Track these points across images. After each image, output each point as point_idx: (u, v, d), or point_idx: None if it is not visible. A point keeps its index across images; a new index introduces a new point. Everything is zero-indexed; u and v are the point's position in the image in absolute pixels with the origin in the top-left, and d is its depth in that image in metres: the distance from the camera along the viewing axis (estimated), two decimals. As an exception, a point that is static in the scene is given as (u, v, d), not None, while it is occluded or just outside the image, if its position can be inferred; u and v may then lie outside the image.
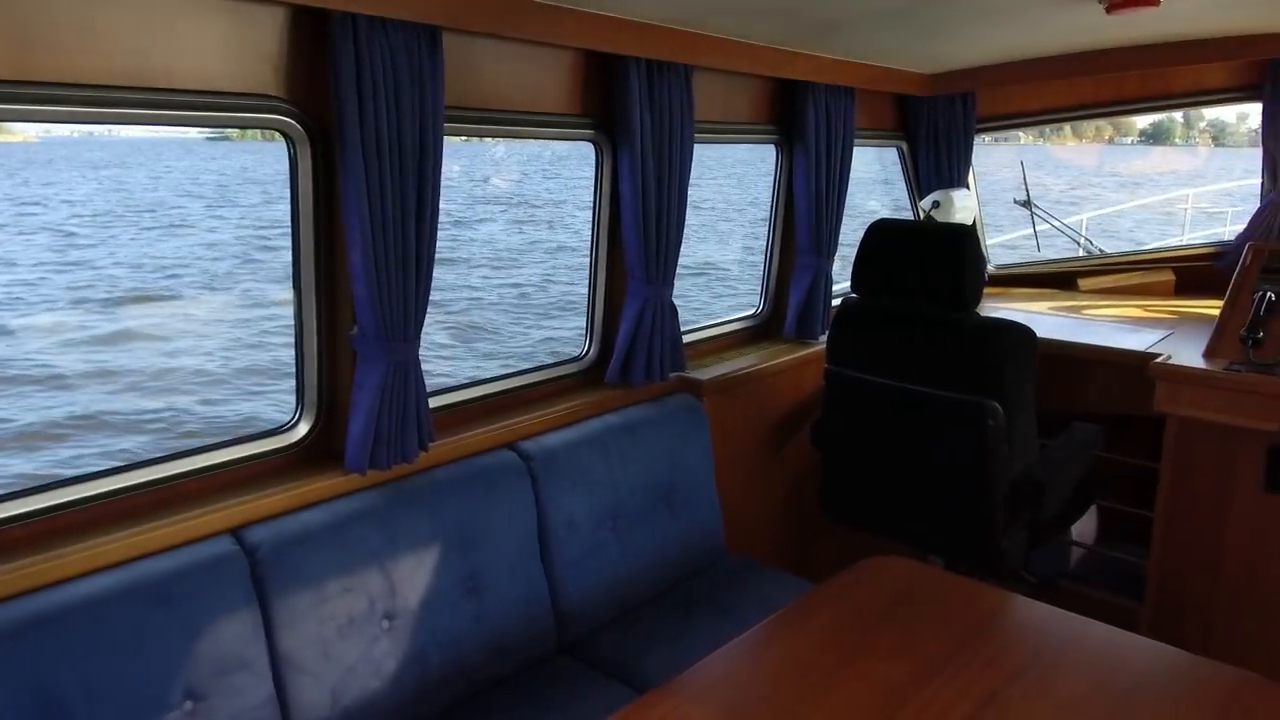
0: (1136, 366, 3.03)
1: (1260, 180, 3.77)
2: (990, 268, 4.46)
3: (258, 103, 1.95)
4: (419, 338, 2.16)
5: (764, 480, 3.34)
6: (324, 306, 2.15)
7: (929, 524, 2.72)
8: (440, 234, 2.16)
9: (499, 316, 14.60)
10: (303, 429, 2.22)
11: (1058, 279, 4.39)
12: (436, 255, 2.15)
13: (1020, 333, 2.50)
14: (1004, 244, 5.33)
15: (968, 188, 4.10)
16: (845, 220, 3.58)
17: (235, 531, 1.98)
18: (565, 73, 2.56)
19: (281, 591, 1.93)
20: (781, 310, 3.55)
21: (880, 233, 2.67)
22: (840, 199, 3.43)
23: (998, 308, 3.94)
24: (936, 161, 4.02)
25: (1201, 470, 2.99)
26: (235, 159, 41.88)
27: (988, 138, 4.45)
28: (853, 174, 3.57)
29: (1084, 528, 4.26)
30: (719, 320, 3.50)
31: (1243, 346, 2.99)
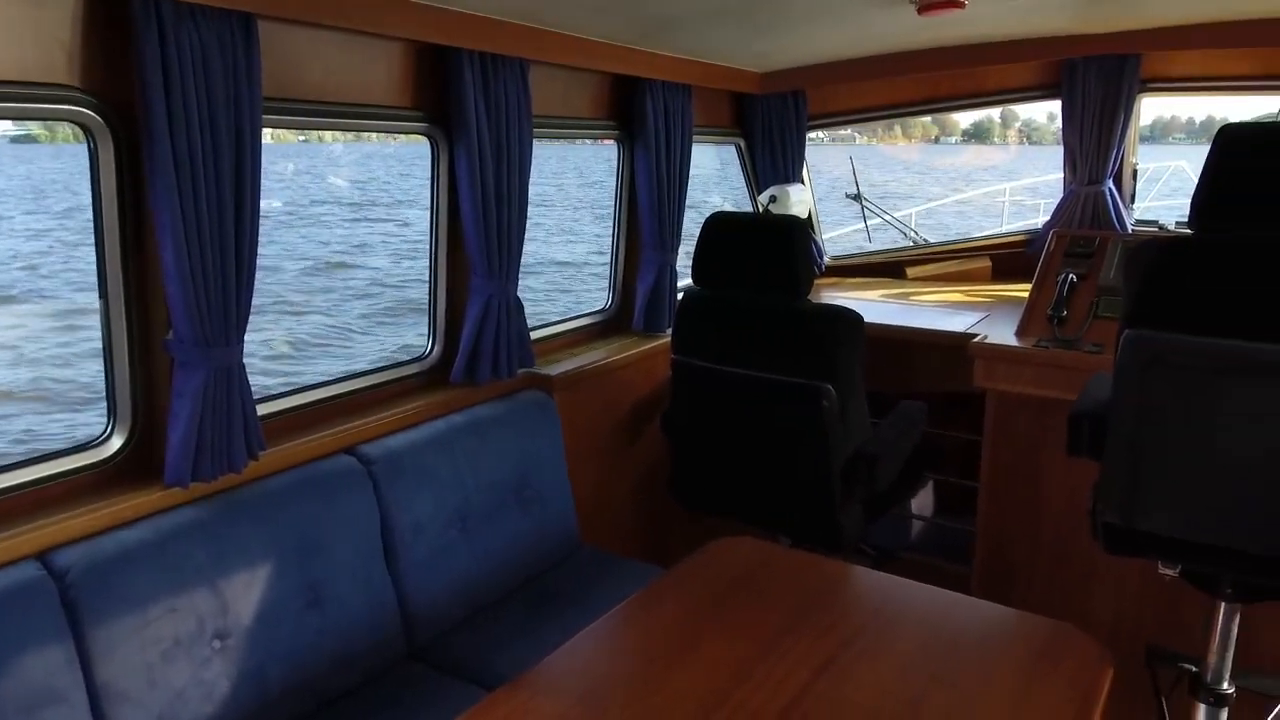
0: (958, 347, 3.24)
1: (1063, 173, 4.11)
2: (826, 259, 4.66)
3: (50, 93, 1.80)
4: (242, 341, 2.05)
5: (618, 472, 3.37)
6: (134, 311, 2.02)
7: (773, 504, 2.82)
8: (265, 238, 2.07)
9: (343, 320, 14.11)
10: (116, 443, 2.06)
11: (888, 268, 4.64)
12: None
13: (849, 318, 2.62)
14: (840, 237, 5.59)
15: (803, 183, 4.27)
16: (689, 214, 3.66)
17: (42, 555, 1.83)
18: (396, 65, 2.50)
19: (97, 616, 1.79)
20: (629, 304, 3.59)
21: (716, 226, 2.74)
22: (681, 194, 3.51)
23: (834, 296, 4.12)
24: (772, 158, 4.16)
25: (1018, 440, 3.22)
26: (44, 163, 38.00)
27: (824, 137, 4.65)
28: (696, 170, 3.65)
29: (922, 501, 4.53)
30: (568, 316, 3.51)
31: (1049, 325, 3.25)
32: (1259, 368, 1.88)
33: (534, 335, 3.24)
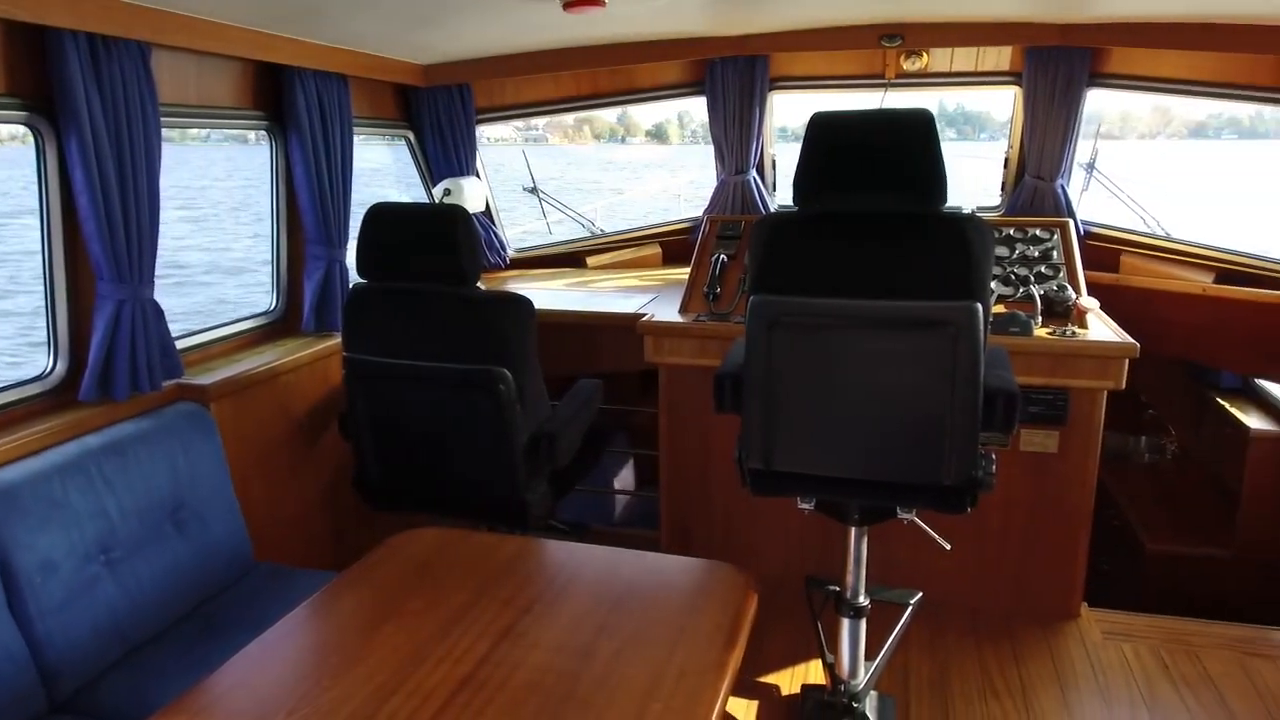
0: (631, 327, 3.44)
1: (715, 165, 4.50)
2: (510, 251, 4.73)
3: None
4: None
5: (296, 481, 3.19)
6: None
7: (461, 492, 2.82)
8: None
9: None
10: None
11: (569, 258, 4.81)
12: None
13: (520, 303, 2.69)
14: (531, 231, 5.71)
15: (478, 176, 4.30)
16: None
17: None
18: None
19: None
20: (298, 304, 3.41)
21: (378, 216, 2.68)
22: (346, 187, 3.39)
23: (519, 287, 4.20)
24: (444, 151, 4.15)
25: (687, 408, 3.49)
26: None
27: (518, 137, 4.72)
28: (377, 165, 3.55)
29: (625, 477, 4.77)
30: (226, 321, 3.25)
31: (706, 301, 3.55)
32: (860, 321, 2.18)
33: (188, 343, 2.98)
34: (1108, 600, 3.56)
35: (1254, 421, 4.34)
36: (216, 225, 25.01)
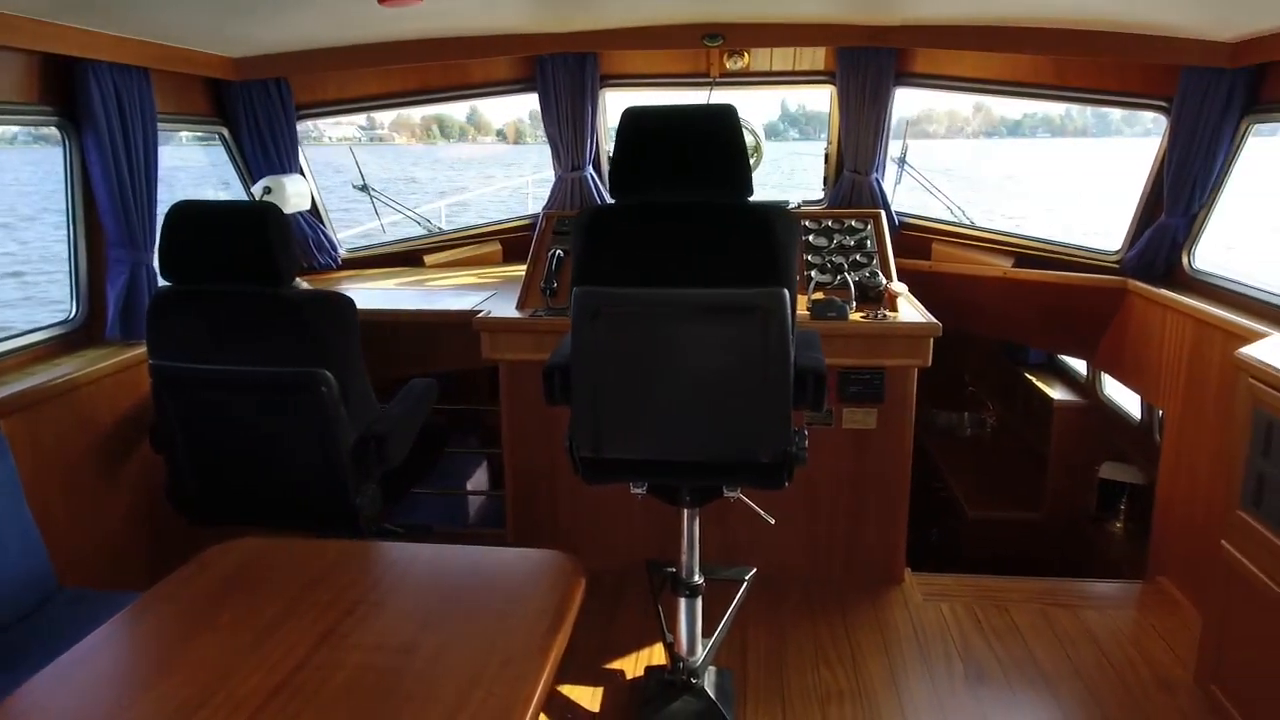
0: (468, 325, 3.41)
1: (552, 162, 4.51)
2: (343, 251, 4.59)
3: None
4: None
5: (104, 499, 2.99)
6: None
7: (287, 501, 2.73)
8: None
9: None
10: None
11: (407, 257, 4.71)
12: None
13: (340, 302, 2.62)
14: (377, 229, 5.54)
15: (302, 174, 4.15)
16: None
17: None
18: None
19: None
20: (100, 311, 3.20)
21: (180, 215, 2.55)
22: (150, 186, 3.19)
23: (352, 288, 4.08)
24: (263, 148, 3.98)
25: (528, 404, 3.49)
26: None
27: (361, 136, 4.59)
28: (195, 165, 3.37)
29: (479, 478, 4.72)
30: (16, 332, 3.01)
31: (543, 296, 3.56)
32: (677, 308, 2.26)
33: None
34: (938, 567, 3.82)
35: (1057, 393, 4.76)
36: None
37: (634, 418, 2.35)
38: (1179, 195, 3.52)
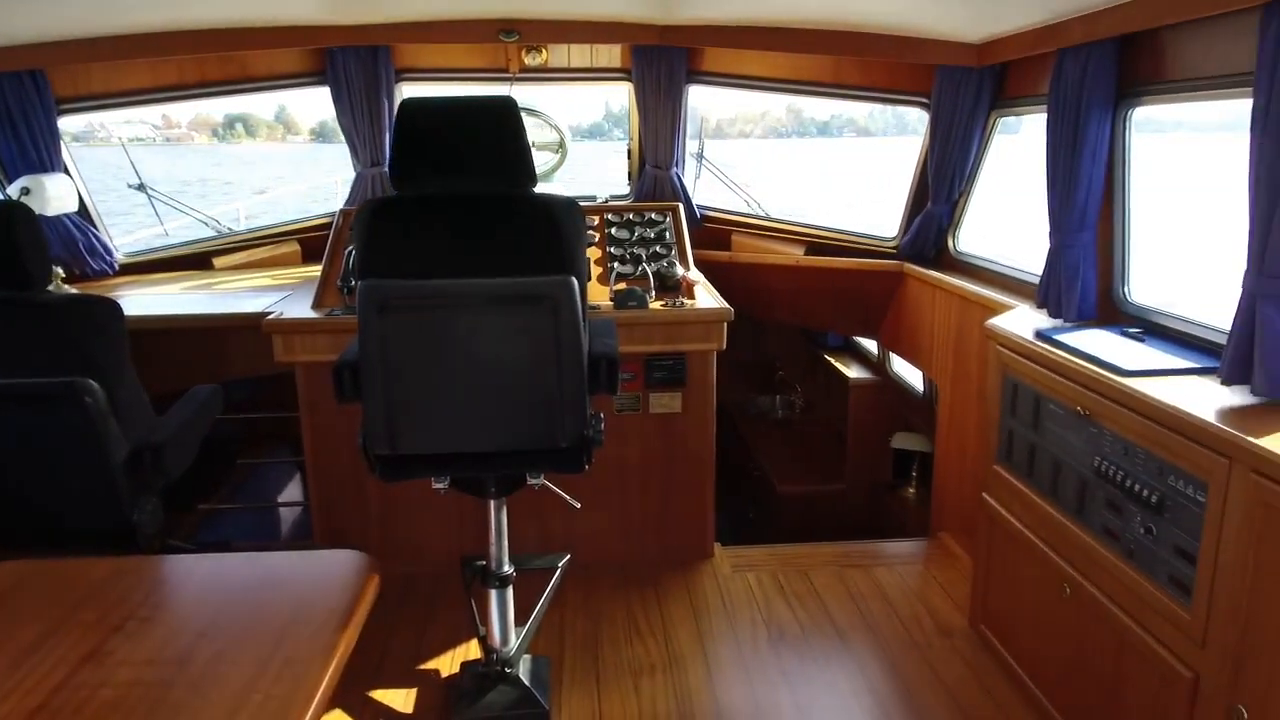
0: (259, 327, 3.26)
1: (351, 159, 4.38)
2: (119, 255, 4.27)
3: None
4: None
5: None
6: None
7: (57, 521, 2.52)
8: None
9: None
10: None
11: (193, 260, 4.44)
12: None
13: (102, 305, 2.45)
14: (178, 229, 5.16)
15: (67, 173, 3.83)
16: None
17: None
18: None
19: None
20: None
21: None
22: None
23: (133, 294, 3.81)
24: (19, 146, 3.65)
25: (330, 407, 3.38)
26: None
27: (155, 138, 4.25)
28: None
29: (293, 491, 4.51)
30: None
31: (341, 295, 3.46)
32: (467, 299, 2.26)
33: None
34: (755, 541, 4.01)
35: (852, 372, 5.10)
36: None
37: (428, 411, 2.33)
38: (941, 184, 3.87)
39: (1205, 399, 2.09)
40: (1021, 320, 2.95)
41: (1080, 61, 2.71)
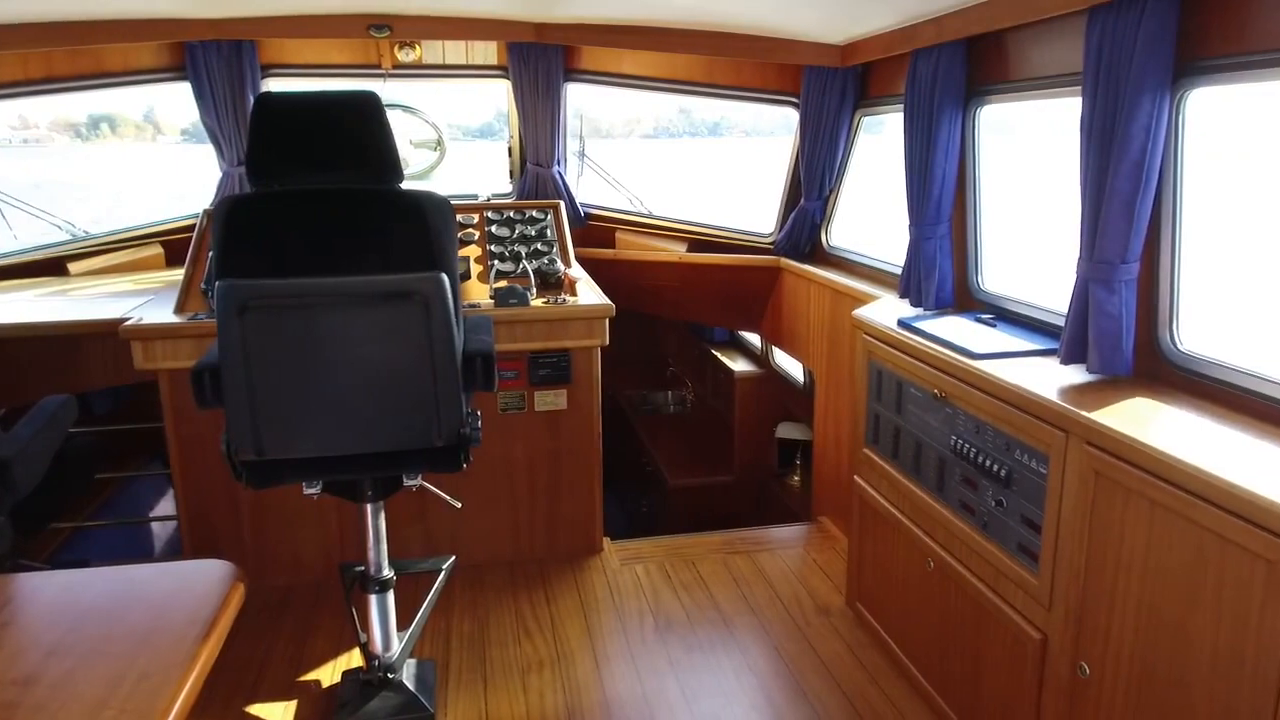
0: (118, 334, 3.10)
1: (216, 158, 4.21)
2: None
3: None
4: None
5: None
6: None
7: None
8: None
9: None
10: None
11: (46, 266, 4.19)
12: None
13: None
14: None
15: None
16: None
17: None
18: None
19: None
20: None
21: None
22: None
23: None
24: None
25: (200, 415, 3.24)
26: None
27: (10, 131, 3.92)
28: None
29: (165, 505, 4.30)
30: None
31: (205, 298, 3.32)
32: (332, 298, 2.20)
33: None
34: (648, 534, 4.05)
35: (737, 366, 5.21)
36: None
37: (295, 414, 2.27)
38: (812, 181, 4.00)
39: (1046, 378, 2.24)
40: (885, 310, 3.08)
41: (932, 63, 2.85)
